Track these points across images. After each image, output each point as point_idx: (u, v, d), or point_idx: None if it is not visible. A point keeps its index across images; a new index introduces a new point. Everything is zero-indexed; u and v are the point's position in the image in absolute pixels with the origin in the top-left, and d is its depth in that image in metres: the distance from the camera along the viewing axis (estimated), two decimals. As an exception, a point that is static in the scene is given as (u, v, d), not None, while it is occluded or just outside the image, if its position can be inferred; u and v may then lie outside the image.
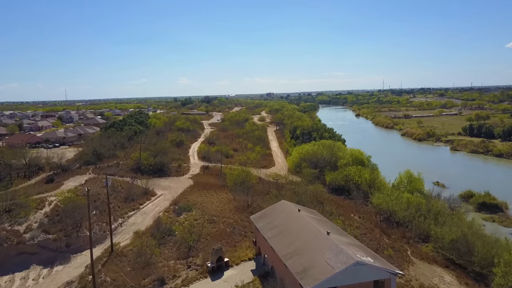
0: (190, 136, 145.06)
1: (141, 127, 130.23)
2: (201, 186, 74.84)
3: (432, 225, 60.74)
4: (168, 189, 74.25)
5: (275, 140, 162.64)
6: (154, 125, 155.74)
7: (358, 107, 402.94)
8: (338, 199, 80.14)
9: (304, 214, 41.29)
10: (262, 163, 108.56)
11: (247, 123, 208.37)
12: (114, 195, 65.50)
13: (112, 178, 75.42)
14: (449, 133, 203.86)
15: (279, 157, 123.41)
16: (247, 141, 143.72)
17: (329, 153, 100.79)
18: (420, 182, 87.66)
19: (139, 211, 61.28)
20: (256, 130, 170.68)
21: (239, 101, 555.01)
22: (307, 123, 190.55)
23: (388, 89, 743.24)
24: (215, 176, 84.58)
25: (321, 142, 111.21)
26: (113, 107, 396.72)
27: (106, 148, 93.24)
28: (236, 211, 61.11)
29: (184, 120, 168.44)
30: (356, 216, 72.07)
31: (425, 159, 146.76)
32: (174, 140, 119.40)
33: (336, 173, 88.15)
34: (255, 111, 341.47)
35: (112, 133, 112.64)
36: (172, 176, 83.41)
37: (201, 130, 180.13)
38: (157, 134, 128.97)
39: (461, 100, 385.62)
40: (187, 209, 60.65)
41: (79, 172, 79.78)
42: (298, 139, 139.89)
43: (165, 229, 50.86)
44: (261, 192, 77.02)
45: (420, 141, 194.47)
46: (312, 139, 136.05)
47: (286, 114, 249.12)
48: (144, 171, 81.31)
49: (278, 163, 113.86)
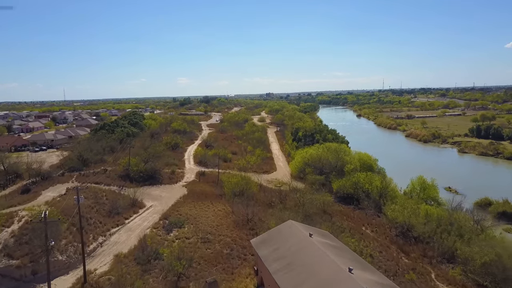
0: (187, 138, 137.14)
1: (134, 129, 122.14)
2: (196, 196, 67.06)
3: (458, 242, 53.18)
4: (159, 199, 66.41)
5: (276, 142, 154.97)
6: (150, 127, 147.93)
7: (359, 107, 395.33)
8: (347, 210, 72.44)
9: (317, 240, 33.51)
10: (263, 168, 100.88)
11: (246, 124, 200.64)
12: (97, 208, 57.68)
13: (96, 187, 67.59)
14: (455, 134, 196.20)
15: (281, 161, 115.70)
16: (247, 144, 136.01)
17: (335, 157, 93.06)
18: (435, 190, 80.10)
19: (124, 227, 53.46)
20: (256, 132, 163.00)
21: (238, 101, 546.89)
22: (308, 124, 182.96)
23: (388, 89, 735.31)
24: (211, 184, 76.79)
25: (326, 146, 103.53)
26: (111, 107, 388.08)
27: (93, 153, 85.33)
28: (235, 227, 53.37)
29: (181, 121, 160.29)
30: (368, 230, 64.41)
31: (432, 162, 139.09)
32: (169, 143, 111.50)
33: (344, 180, 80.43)
34: (255, 111, 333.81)
35: (102, 136, 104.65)
36: (165, 184, 75.53)
37: (198, 131, 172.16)
38: (151, 137, 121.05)
39: (464, 100, 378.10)
40: (179, 224, 52.88)
41: (61, 180, 71.77)
42: (300, 141, 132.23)
43: (151, 252, 43.07)
44: (262, 202, 69.28)
45: (425, 143, 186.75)
46: (315, 141, 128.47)
47: (286, 114, 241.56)
48: (133, 179, 73.37)
49: (280, 167, 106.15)
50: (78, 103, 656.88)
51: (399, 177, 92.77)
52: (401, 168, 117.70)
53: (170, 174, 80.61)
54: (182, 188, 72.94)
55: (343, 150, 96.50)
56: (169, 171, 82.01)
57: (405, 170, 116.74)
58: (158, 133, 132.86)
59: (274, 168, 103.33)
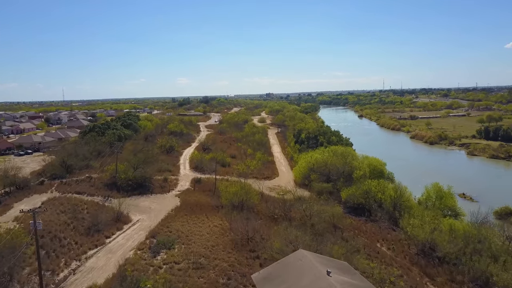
0: (183, 140, 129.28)
1: (127, 131, 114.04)
2: (190, 208, 59.37)
3: (492, 266, 45.54)
4: (147, 212, 58.69)
5: (277, 144, 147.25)
6: (145, 128, 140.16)
7: (361, 108, 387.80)
8: (358, 222, 64.75)
9: (337, 280, 25.79)
10: (264, 173, 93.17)
11: (246, 125, 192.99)
12: (74, 225, 49.95)
13: (77, 198, 59.85)
14: (462, 136, 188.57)
15: (283, 165, 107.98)
16: (247, 146, 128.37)
17: (342, 162, 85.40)
18: (452, 198, 72.41)
19: (104, 248, 45.69)
20: (256, 133, 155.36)
21: (238, 101, 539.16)
22: (310, 125, 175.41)
23: (389, 90, 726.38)
24: (207, 193, 69.04)
25: (332, 149, 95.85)
26: (108, 107, 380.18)
27: (79, 158, 77.61)
28: (233, 248, 45.66)
29: (178, 122, 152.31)
30: (384, 247, 56.75)
31: (441, 165, 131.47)
32: (163, 146, 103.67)
33: (354, 188, 72.74)
34: (255, 111, 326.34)
35: (91, 139, 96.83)
36: (156, 193, 67.74)
37: (196, 133, 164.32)
38: (145, 139, 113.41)
39: (467, 101, 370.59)
40: (168, 245, 45.19)
41: (39, 189, 63.98)
42: (303, 144, 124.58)
43: (130, 284, 35.31)
44: (264, 214, 61.60)
45: (431, 145, 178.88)
46: (318, 144, 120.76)
47: (287, 115, 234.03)
48: (121, 188, 65.64)
49: (282, 172, 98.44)
50: (77, 103, 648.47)
51: (408, 182, 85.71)
52: (409, 172, 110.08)
53: (163, 181, 72.81)
54: (174, 198, 65.19)
55: (350, 154, 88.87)
56: (162, 178, 74.22)
57: (414, 174, 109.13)
58: (153, 135, 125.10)
59: (276, 174, 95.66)
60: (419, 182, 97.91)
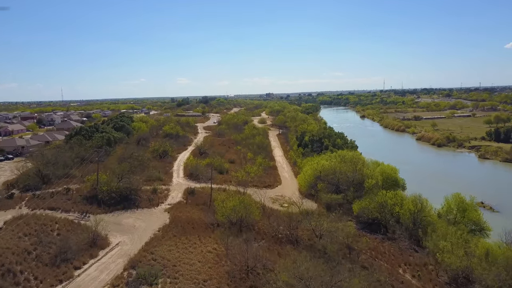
0: (179, 143, 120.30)
1: (117, 134, 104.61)
2: (180, 227, 50.67)
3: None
4: (130, 232, 49.91)
5: (278, 147, 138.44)
6: (139, 130, 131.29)
7: (362, 108, 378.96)
8: (375, 241, 55.97)
9: None
10: (266, 181, 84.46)
11: (246, 126, 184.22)
12: (38, 252, 41.17)
13: (48, 216, 51.03)
14: (470, 137, 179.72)
15: (286, 171, 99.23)
16: (246, 149, 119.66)
17: (352, 169, 76.67)
18: (476, 212, 63.56)
19: (71, 285, 36.88)
20: (256, 135, 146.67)
21: (238, 101, 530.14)
22: (313, 127, 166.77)
23: (390, 90, 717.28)
24: (202, 207, 60.19)
25: (340, 154, 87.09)
26: (106, 108, 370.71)
27: (58, 166, 68.61)
28: (230, 283, 36.90)
29: (174, 124, 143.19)
30: (407, 273, 48.01)
31: (451, 169, 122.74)
32: (156, 151, 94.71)
33: (367, 200, 64.01)
34: (255, 112, 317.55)
35: (77, 143, 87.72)
36: (143, 207, 58.84)
37: (194, 135, 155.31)
38: (137, 143, 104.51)
39: (471, 101, 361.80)
40: (149, 280, 36.50)
41: (5, 204, 54.92)
42: (306, 147, 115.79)
43: None
44: (267, 234, 52.86)
45: (439, 147, 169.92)
46: (323, 147, 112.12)
47: (288, 116, 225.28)
48: (102, 202, 56.84)
49: (285, 179, 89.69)
50: (75, 103, 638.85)
51: (419, 188, 77.30)
52: (418, 177, 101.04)
53: (151, 193, 63.84)
54: (163, 214, 56.36)
55: (360, 161, 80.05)
56: (151, 189, 65.25)
57: (424, 180, 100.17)
58: (147, 138, 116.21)
59: (279, 181, 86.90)
60: (431, 188, 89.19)
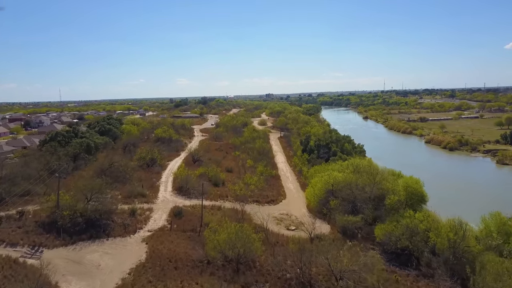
0: (171, 149, 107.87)
1: (98, 140, 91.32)
2: (159, 266, 38.48)
3: None
4: (91, 276, 37.61)
5: (281, 152, 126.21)
6: (129, 134, 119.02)
7: (364, 109, 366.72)
8: (407, 279, 43.74)
9: None
10: (268, 195, 72.28)
11: (245, 128, 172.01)
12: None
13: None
14: (484, 141, 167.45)
15: (290, 181, 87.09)
16: (246, 155, 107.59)
17: (370, 182, 64.47)
18: (522, 235, 51.77)
19: None
20: (257, 139, 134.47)
21: (237, 102, 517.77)
22: (317, 129, 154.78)
23: (391, 90, 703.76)
24: (189, 235, 47.84)
25: (353, 163, 74.97)
26: (101, 108, 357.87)
27: (17, 181, 56.33)
28: None
29: (167, 127, 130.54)
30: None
31: (468, 176, 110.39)
32: (143, 159, 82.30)
33: (392, 224, 51.84)
34: (255, 113, 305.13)
35: (51, 150, 75.08)
36: (115, 235, 46.48)
37: (189, 138, 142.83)
38: (124, 149, 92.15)
39: (476, 102, 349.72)
40: None
41: None
42: (312, 153, 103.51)
43: None
44: (271, 274, 40.60)
45: (451, 151, 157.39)
46: (331, 153, 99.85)
47: (290, 117, 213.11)
48: (63, 230, 44.62)
49: (290, 191, 77.52)
50: (73, 104, 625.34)
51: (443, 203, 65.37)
52: (437, 186, 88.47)
53: (129, 215, 51.47)
54: (139, 246, 44.04)
55: (379, 172, 67.76)
56: (129, 210, 52.85)
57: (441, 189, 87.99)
58: (136, 143, 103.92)
59: (283, 194, 74.67)
60: (455, 202, 77.36)
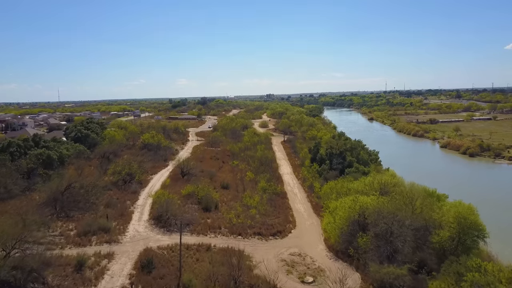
0: (158, 158, 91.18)
1: (66, 151, 73.52)
2: None
3: None
4: None
5: (285, 159, 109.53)
6: (112, 139, 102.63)
7: (369, 110, 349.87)
8: None
9: None
10: (273, 223, 55.63)
11: (246, 131, 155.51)
12: None
13: None
14: (506, 145, 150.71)
15: (299, 199, 70.51)
16: (245, 165, 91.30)
17: (406, 208, 48.04)
18: None
19: None
20: (258, 144, 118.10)
21: (237, 102, 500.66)
22: (323, 133, 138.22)
23: (393, 90, 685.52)
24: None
25: (379, 181, 58.46)
26: (96, 109, 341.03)
27: None
28: None
29: (155, 132, 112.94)
30: None
31: (499, 187, 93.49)
32: (118, 174, 65.58)
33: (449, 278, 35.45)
34: (255, 114, 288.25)
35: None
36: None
37: (181, 144, 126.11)
38: (100, 159, 75.27)
39: (485, 103, 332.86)
40: None
41: None
42: (323, 163, 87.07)
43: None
44: None
45: (471, 157, 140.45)
46: (346, 164, 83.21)
47: (293, 119, 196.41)
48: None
49: (301, 216, 60.91)
50: (70, 104, 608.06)
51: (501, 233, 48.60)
52: (479, 204, 71.98)
53: (74, 270, 34.82)
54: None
55: (421, 195, 51.05)
56: (74, 262, 36.10)
57: (490, 211, 71.13)
58: (117, 152, 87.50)
59: (292, 221, 58.02)
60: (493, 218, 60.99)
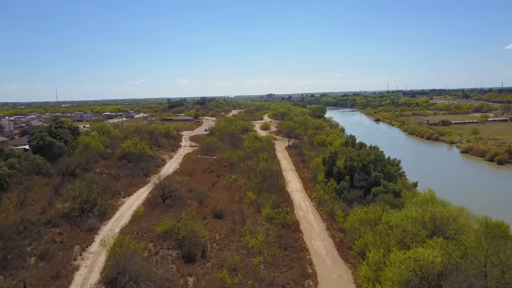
0: (139, 172, 72.66)
1: (7, 170, 53.68)
2: None
3: None
4: None
5: (292, 171, 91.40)
6: (87, 147, 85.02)
7: (374, 110, 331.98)
8: None
9: None
10: (286, 285, 37.62)
11: (246, 135, 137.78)
12: None
13: None
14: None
15: (316, 233, 52.68)
16: (245, 180, 73.63)
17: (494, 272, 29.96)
18: None
19: None
20: (260, 151, 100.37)
21: (238, 102, 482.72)
22: (333, 137, 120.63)
23: (396, 90, 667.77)
24: None
25: (432, 214, 40.65)
26: (89, 110, 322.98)
27: None
28: None
29: (139, 138, 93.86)
30: None
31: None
32: (75, 200, 47.40)
33: None
34: (256, 114, 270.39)
35: None
36: None
37: (171, 151, 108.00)
38: (63, 176, 57.39)
39: (496, 103, 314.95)
40: None
41: None
42: (342, 179, 69.25)
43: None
44: None
45: (500, 165, 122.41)
46: (372, 181, 65.12)
47: (296, 120, 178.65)
48: None
49: (322, 264, 43.02)
50: (67, 104, 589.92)
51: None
52: None
53: None
54: None
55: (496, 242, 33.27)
56: None
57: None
58: (88, 165, 69.73)
59: (311, 275, 40.02)
60: None
